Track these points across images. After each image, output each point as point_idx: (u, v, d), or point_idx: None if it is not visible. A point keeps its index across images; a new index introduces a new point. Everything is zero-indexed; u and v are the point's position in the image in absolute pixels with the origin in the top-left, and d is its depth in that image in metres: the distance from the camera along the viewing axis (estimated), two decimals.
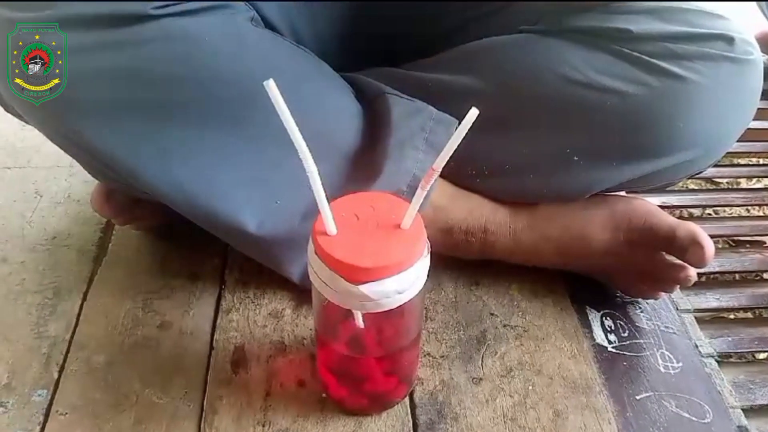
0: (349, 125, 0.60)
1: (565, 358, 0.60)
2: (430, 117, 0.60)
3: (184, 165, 0.53)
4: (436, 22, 0.66)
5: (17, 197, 0.76)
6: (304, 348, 0.60)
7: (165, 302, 0.63)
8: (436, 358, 0.60)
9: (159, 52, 0.49)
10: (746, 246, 0.79)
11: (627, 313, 0.65)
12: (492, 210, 0.63)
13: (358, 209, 0.46)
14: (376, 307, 0.44)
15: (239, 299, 0.64)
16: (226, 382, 0.57)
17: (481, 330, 0.62)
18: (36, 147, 0.82)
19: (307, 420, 0.54)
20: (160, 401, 0.55)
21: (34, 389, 0.56)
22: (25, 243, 0.70)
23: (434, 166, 0.42)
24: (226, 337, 0.60)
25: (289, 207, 0.56)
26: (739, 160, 0.93)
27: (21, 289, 0.65)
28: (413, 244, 0.44)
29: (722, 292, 0.70)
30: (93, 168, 0.59)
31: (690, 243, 0.58)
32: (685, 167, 0.59)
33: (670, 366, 0.60)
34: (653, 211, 0.61)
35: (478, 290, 0.66)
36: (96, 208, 0.65)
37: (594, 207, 0.63)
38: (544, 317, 0.64)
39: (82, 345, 0.60)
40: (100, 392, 0.56)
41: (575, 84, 0.56)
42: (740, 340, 0.65)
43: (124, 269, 0.67)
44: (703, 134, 0.56)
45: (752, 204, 0.86)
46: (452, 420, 0.55)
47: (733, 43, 0.55)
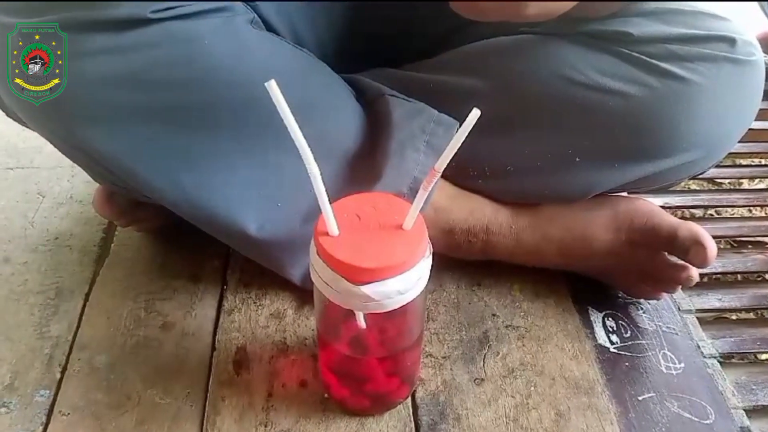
0: (350, 127, 0.60)
1: (567, 358, 0.60)
2: (431, 118, 0.60)
3: (184, 168, 0.53)
4: (437, 23, 0.66)
5: (19, 198, 0.76)
6: (306, 348, 0.60)
7: (167, 303, 0.64)
8: (438, 358, 0.60)
9: (159, 56, 0.49)
10: (748, 247, 0.79)
11: (629, 313, 0.65)
12: (493, 210, 0.63)
13: (360, 210, 0.46)
14: (378, 307, 0.44)
15: (241, 300, 0.64)
16: (228, 383, 0.57)
17: (483, 330, 0.62)
18: (38, 148, 0.83)
19: (309, 420, 0.54)
20: (162, 402, 0.55)
21: (37, 390, 0.56)
22: (27, 243, 0.70)
23: (436, 167, 0.42)
24: (228, 337, 0.61)
25: (290, 209, 0.56)
26: (742, 160, 0.93)
27: (23, 290, 0.65)
28: (415, 244, 0.44)
29: (724, 292, 0.70)
30: (94, 171, 0.59)
31: (692, 243, 0.57)
32: (687, 168, 0.59)
33: (672, 367, 0.60)
34: (655, 211, 0.61)
35: (480, 291, 0.66)
36: (98, 209, 0.65)
37: (596, 207, 0.63)
38: (546, 318, 0.64)
39: (84, 345, 0.60)
40: (102, 393, 0.56)
41: (577, 85, 0.56)
42: (742, 340, 0.65)
43: (127, 270, 0.67)
44: (704, 135, 0.56)
45: (754, 204, 0.86)
46: (454, 420, 0.55)
47: (734, 44, 0.55)
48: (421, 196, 0.44)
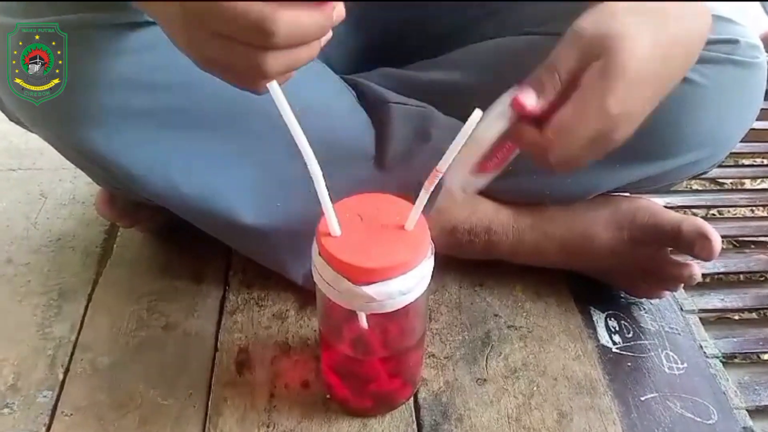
0: (351, 127, 0.60)
1: (569, 359, 0.60)
2: (433, 119, 0.60)
3: (183, 169, 0.53)
4: (439, 23, 0.66)
5: (22, 199, 0.76)
6: (309, 349, 0.60)
7: (169, 304, 0.64)
8: (440, 359, 0.60)
9: (158, 58, 0.49)
10: (751, 246, 0.79)
11: (631, 313, 0.65)
12: (495, 210, 0.63)
13: (362, 210, 0.46)
14: (381, 308, 0.44)
15: (243, 300, 0.64)
16: (230, 384, 0.57)
17: (485, 331, 0.62)
18: (41, 149, 0.83)
19: (312, 421, 0.54)
20: (165, 402, 0.55)
21: (40, 390, 0.56)
22: (30, 244, 0.70)
23: (438, 167, 0.42)
24: (231, 338, 0.61)
25: (291, 209, 0.56)
26: (744, 160, 0.93)
27: (26, 291, 0.65)
28: (417, 245, 0.44)
29: (727, 292, 0.70)
30: (94, 173, 0.59)
31: (697, 237, 0.58)
32: (689, 168, 0.59)
33: (675, 367, 0.60)
34: (657, 208, 0.62)
35: (482, 291, 0.66)
36: (100, 211, 0.65)
37: (597, 207, 0.63)
38: (549, 318, 0.64)
39: (87, 346, 0.60)
40: (104, 393, 0.56)
41: None
42: (745, 340, 0.65)
43: (129, 271, 0.67)
44: (706, 136, 0.56)
45: (757, 204, 0.86)
46: (456, 421, 0.55)
47: (737, 46, 0.55)
48: (423, 197, 0.44)
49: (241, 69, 0.36)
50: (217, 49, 0.35)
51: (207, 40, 0.35)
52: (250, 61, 0.35)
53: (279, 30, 0.33)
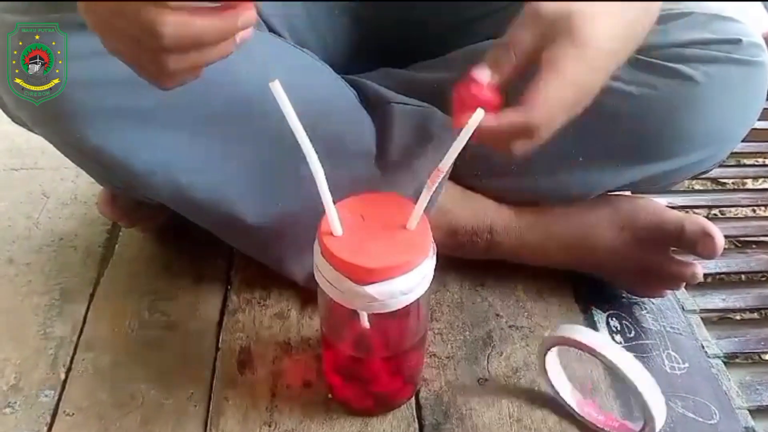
0: (352, 127, 0.60)
1: (571, 359, 0.60)
2: (434, 118, 0.60)
3: (185, 168, 0.53)
4: (439, 23, 0.66)
5: (24, 199, 0.76)
6: (310, 349, 0.60)
7: (171, 303, 0.64)
8: (441, 358, 0.60)
9: None
10: (752, 246, 0.79)
11: (633, 313, 0.65)
12: (497, 210, 0.63)
13: (364, 210, 0.46)
14: (382, 307, 0.44)
15: (245, 300, 0.64)
16: (232, 383, 0.57)
17: (486, 331, 0.62)
18: (42, 148, 0.82)
19: (313, 421, 0.54)
20: (166, 402, 0.55)
21: (41, 390, 0.56)
22: (31, 244, 0.70)
23: (440, 167, 0.42)
24: (232, 338, 0.61)
25: (293, 208, 0.56)
26: (745, 160, 0.93)
27: (28, 290, 0.65)
28: (419, 244, 0.44)
29: (728, 292, 0.70)
30: (95, 172, 0.59)
31: (700, 234, 0.58)
32: (691, 168, 0.59)
33: (677, 367, 0.60)
34: (659, 207, 0.62)
35: (483, 291, 0.66)
36: (102, 210, 0.65)
37: (599, 206, 0.63)
38: (550, 318, 0.64)
39: (88, 346, 0.60)
40: (106, 393, 0.56)
41: None
42: (746, 340, 0.65)
43: (131, 270, 0.67)
44: (708, 136, 0.56)
45: (758, 204, 0.86)
46: (458, 420, 0.55)
47: (739, 45, 0.55)
48: (425, 196, 0.44)
49: (146, 66, 0.38)
50: (125, 47, 0.37)
51: (117, 38, 0.37)
52: (152, 59, 0.36)
53: (166, 32, 0.34)
